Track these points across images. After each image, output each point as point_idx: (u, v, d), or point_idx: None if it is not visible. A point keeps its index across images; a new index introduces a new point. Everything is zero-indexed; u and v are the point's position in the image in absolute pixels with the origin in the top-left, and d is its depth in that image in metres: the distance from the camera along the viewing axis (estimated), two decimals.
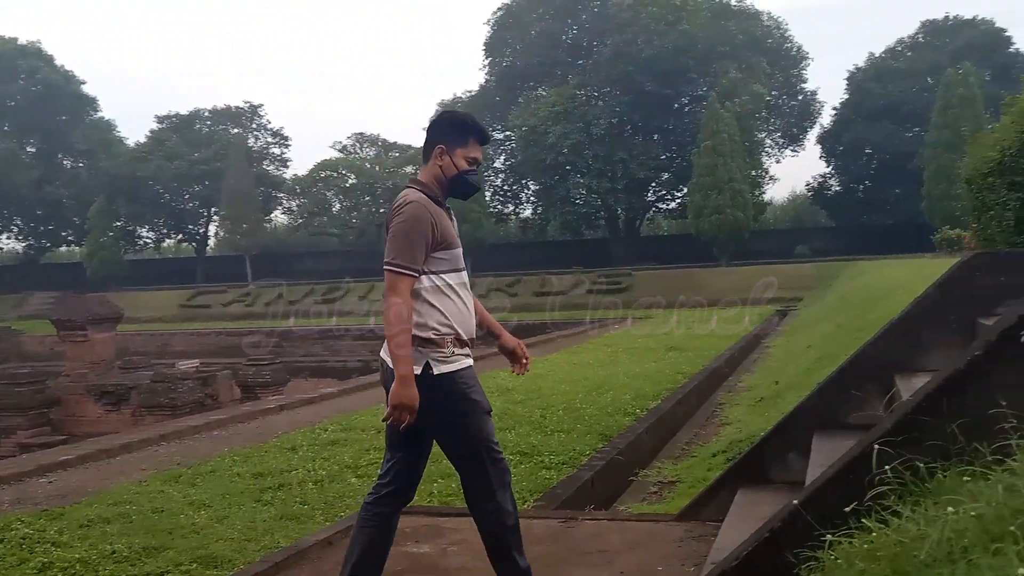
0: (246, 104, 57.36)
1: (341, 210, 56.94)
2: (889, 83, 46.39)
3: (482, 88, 53.09)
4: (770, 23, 49.50)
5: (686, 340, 17.10)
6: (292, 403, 11.09)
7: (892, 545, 2.18)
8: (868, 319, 10.94)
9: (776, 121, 51.13)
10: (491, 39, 51.36)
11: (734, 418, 9.30)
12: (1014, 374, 2.75)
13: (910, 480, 2.58)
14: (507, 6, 50.62)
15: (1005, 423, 2.51)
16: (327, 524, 5.31)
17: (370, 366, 25.81)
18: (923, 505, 2.35)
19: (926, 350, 4.87)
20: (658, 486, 7.03)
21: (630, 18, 43.06)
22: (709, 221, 37.79)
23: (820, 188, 52.23)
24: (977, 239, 7.54)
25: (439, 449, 3.55)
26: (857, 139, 46.57)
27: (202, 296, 44.01)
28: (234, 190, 49.09)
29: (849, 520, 2.55)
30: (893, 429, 2.78)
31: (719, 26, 44.60)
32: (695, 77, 44.88)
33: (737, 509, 4.60)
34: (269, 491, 6.23)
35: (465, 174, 3.49)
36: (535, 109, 44.71)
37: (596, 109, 45.02)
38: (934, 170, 35.29)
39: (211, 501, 5.98)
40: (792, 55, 50.14)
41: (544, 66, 49.19)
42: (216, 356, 29.17)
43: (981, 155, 6.83)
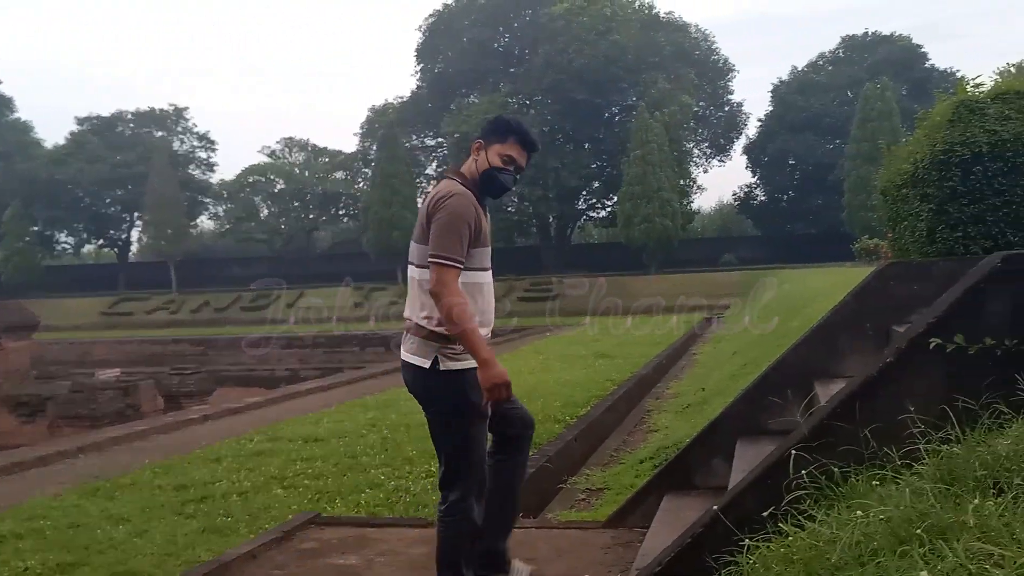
0: (171, 107, 56.26)
1: (269, 216, 56.12)
2: (811, 96, 47.79)
3: (414, 94, 52.94)
4: (698, 35, 50.62)
5: (615, 347, 17.27)
6: (217, 413, 10.84)
7: (807, 548, 2.24)
8: (790, 326, 11.22)
9: (704, 132, 52.26)
10: (423, 45, 51.27)
11: (661, 425, 9.42)
12: (922, 381, 2.86)
13: (825, 484, 2.65)
14: (439, 13, 50.61)
15: (913, 428, 2.60)
16: (251, 537, 5.20)
17: (298, 374, 25.50)
18: (836, 509, 2.42)
19: (844, 357, 5.01)
20: (586, 493, 7.07)
21: (562, 27, 43.47)
22: (639, 229, 38.35)
23: (746, 198, 53.47)
24: (892, 249, 7.79)
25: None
26: (781, 150, 47.83)
27: (124, 303, 42.87)
28: (158, 195, 47.93)
29: (767, 524, 2.61)
30: (810, 435, 2.86)
31: (648, 37, 45.37)
32: (625, 87, 45.56)
33: (663, 515, 4.66)
34: (191, 504, 6.08)
35: (497, 170, 3.44)
36: (467, 116, 44.77)
37: (528, 117, 45.23)
38: (854, 181, 36.44)
39: (130, 515, 5.81)
40: (719, 67, 51.31)
41: (476, 73, 49.30)
42: (139, 365, 28.42)
43: (895, 167, 7.07)
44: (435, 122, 49.28)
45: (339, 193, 55.54)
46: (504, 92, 46.40)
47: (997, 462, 2.23)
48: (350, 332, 30.54)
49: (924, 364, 2.88)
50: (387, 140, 43.66)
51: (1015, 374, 2.79)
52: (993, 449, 2.30)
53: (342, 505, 5.92)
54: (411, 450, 7.57)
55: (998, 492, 2.11)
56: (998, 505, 1.95)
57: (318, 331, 31.17)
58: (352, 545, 4.77)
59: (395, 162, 42.64)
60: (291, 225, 55.06)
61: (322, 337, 30.25)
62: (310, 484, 6.52)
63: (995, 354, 2.85)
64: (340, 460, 7.29)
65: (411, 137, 52.67)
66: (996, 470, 2.20)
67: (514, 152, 3.44)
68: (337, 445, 7.97)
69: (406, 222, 41.86)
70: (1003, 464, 2.22)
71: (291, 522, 5.16)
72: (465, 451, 3.38)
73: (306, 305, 38.14)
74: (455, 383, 3.32)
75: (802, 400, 4.69)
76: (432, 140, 53.26)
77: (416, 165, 50.52)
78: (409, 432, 8.44)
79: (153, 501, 6.18)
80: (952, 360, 2.84)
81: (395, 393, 11.55)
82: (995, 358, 2.85)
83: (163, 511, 5.91)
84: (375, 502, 5.98)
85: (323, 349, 29.90)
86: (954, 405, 2.72)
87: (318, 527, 5.11)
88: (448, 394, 3.33)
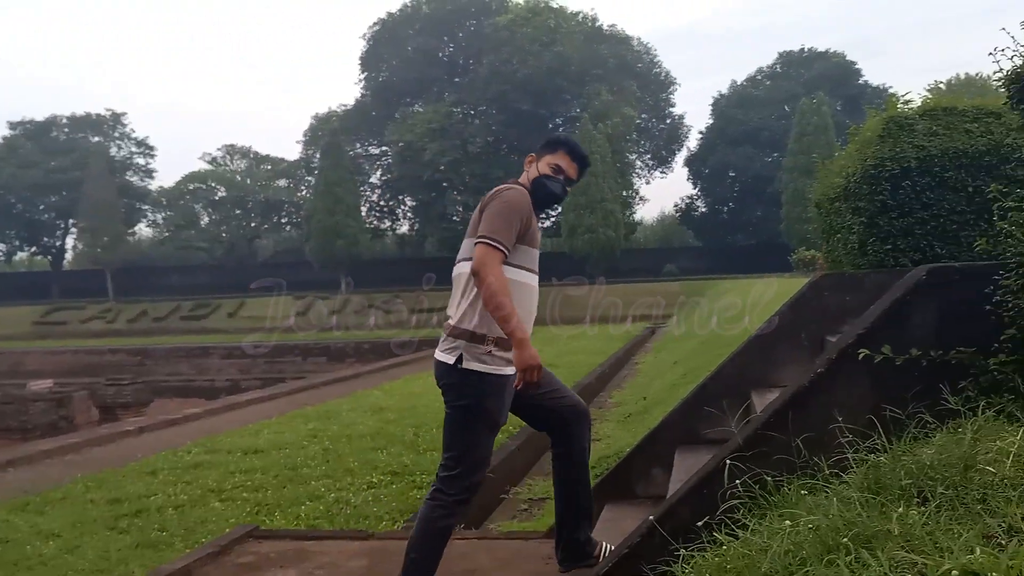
0: (108, 112, 55.00)
1: (210, 223, 55.14)
2: (750, 110, 48.76)
3: (358, 102, 52.62)
4: (640, 48, 51.27)
5: (559, 357, 17.34)
6: (154, 425, 10.61)
7: (739, 558, 2.27)
8: (730, 335, 11.42)
9: (646, 143, 52.92)
10: (367, 54, 51.02)
11: (604, 434, 9.48)
12: (851, 391, 2.93)
13: (759, 493, 2.69)
14: (383, 21, 50.43)
15: (842, 438, 2.67)
16: (187, 551, 5.10)
17: (239, 385, 25.10)
18: (769, 517, 2.46)
19: (780, 366, 5.11)
20: (529, 503, 7.08)
21: (506, 38, 43.67)
22: (582, 240, 38.69)
23: (687, 209, 54.26)
24: (826, 260, 7.99)
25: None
26: (721, 163, 48.68)
27: (58, 312, 41.70)
28: (94, 201, 46.78)
29: (702, 534, 2.65)
30: (744, 444, 2.91)
31: (592, 49, 45.82)
32: (569, 98, 45.93)
33: (603, 524, 4.69)
34: (125, 518, 5.94)
35: (546, 178, 3.54)
36: (412, 125, 44.69)
37: (473, 127, 45.36)
38: (791, 194, 37.23)
39: (61, 530, 5.65)
40: (661, 80, 52.04)
41: (421, 82, 49.22)
42: (73, 376, 27.68)
43: (829, 181, 7.26)
44: (379, 130, 49.06)
45: (282, 201, 54.87)
46: (449, 101, 46.40)
47: (922, 471, 2.30)
48: (290, 342, 30.16)
49: (853, 374, 2.96)
50: (331, 148, 43.27)
51: (939, 384, 2.88)
52: (918, 458, 2.37)
53: (281, 518, 5.84)
54: (352, 461, 7.50)
55: (922, 501, 2.17)
56: (922, 514, 2.00)
57: (316, 338, 30.69)
58: (291, 559, 4.70)
59: (339, 170, 42.28)
60: (232, 233, 54.18)
61: (263, 347, 29.83)
62: (249, 497, 6.42)
63: (921, 364, 2.94)
64: (280, 472, 7.19)
65: (355, 145, 52.33)
66: (920, 479, 2.27)
67: (563, 162, 3.57)
68: (277, 457, 7.87)
69: (349, 230, 41.53)
70: (927, 473, 2.28)
71: (228, 536, 5.06)
72: (468, 452, 3.38)
73: (247, 314, 37.59)
74: (474, 384, 3.33)
75: (739, 409, 4.77)
76: (376, 148, 52.95)
77: (360, 173, 50.19)
78: (351, 443, 8.37)
79: (85, 516, 6.02)
80: (880, 370, 2.92)
81: (337, 404, 11.45)
82: (921, 368, 2.93)
83: (95, 526, 5.76)
84: (315, 514, 5.91)
85: (264, 359, 29.49)
86: (881, 415, 2.80)
87: (256, 540, 5.02)
88: (465, 392, 3.34)
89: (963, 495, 2.12)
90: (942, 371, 2.93)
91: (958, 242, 5.77)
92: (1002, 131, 5.81)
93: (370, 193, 53.00)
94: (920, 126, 6.08)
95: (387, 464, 7.38)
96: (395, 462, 7.48)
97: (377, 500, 6.23)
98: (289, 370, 27.80)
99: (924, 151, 5.91)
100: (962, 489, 2.14)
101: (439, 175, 44.24)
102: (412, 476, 7.03)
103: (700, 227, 53.55)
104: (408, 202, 51.00)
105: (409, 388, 12.97)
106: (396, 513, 5.94)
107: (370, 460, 7.56)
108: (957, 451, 2.32)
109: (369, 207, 51.99)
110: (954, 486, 2.16)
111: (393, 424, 9.42)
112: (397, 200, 52.35)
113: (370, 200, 52.64)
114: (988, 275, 3.04)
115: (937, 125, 6.07)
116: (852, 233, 6.33)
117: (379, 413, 10.28)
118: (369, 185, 52.80)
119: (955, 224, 5.82)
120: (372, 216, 52.19)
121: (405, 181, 46.53)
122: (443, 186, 45.30)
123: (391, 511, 5.95)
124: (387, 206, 53.35)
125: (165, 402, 22.92)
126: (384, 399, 11.65)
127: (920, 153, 5.91)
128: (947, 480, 2.20)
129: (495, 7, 48.63)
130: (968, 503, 2.08)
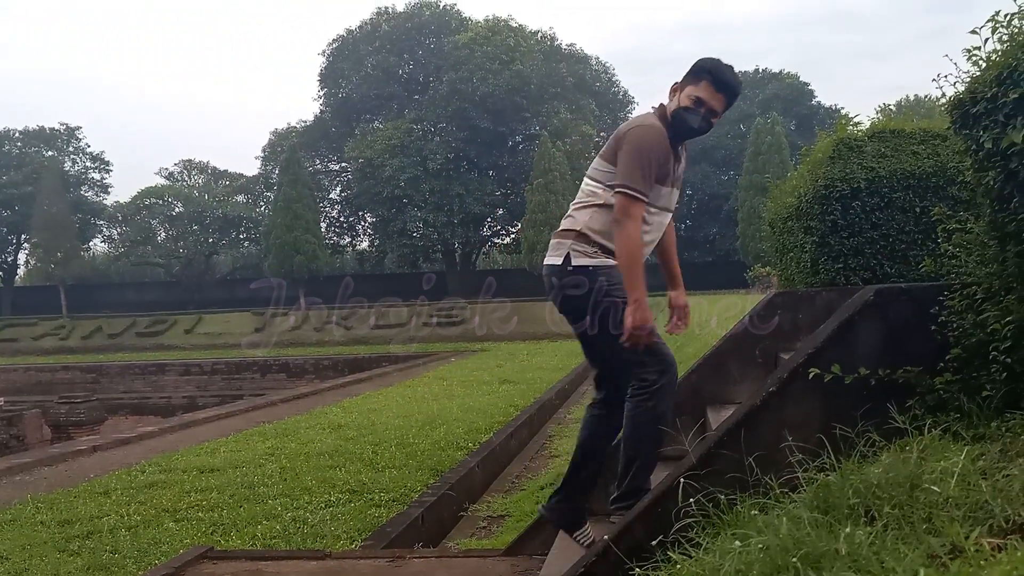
0: (62, 126, 54.02)
1: (167, 239, 54.43)
2: None
3: (318, 119, 52.44)
4: (598, 67, 51.79)
5: (519, 373, 17.38)
6: (107, 444, 10.40)
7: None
8: (686, 352, 11.52)
9: None
10: (326, 70, 50.87)
11: (563, 450, 9.50)
12: (802, 409, 2.99)
13: (713, 512, 2.73)
14: (342, 38, 50.36)
15: (792, 456, 2.71)
16: (139, 573, 5.02)
17: (196, 402, 24.74)
18: (721, 537, 2.49)
19: (735, 383, 5.17)
20: (487, 520, 7.08)
21: (465, 56, 43.85)
22: (542, 256, 38.75)
23: None
24: (780, 278, 8.13)
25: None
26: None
27: (10, 329, 40.73)
28: (47, 216, 45.93)
29: (656, 553, 2.67)
30: (698, 462, 2.94)
31: (551, 67, 46.19)
32: (528, 116, 46.20)
33: (561, 543, 4.68)
34: (76, 540, 5.82)
35: (684, 110, 3.37)
36: (372, 141, 44.60)
37: (432, 144, 45.40)
38: (746, 212, 37.79)
39: (9, 553, 5.53)
40: (619, 98, 52.62)
41: (380, 99, 49.18)
42: (25, 393, 27.06)
43: (781, 200, 7.41)
44: (339, 146, 48.91)
45: (240, 217, 54.33)
46: (409, 118, 46.41)
47: (869, 490, 2.34)
48: (249, 359, 29.80)
49: (804, 393, 3.01)
50: (289, 164, 42.99)
51: (887, 403, 2.94)
52: (866, 477, 2.41)
53: (237, 538, 5.77)
54: (310, 480, 7.44)
55: (870, 520, 2.21)
56: (868, 534, 2.04)
57: (275, 354, 30.28)
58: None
59: (298, 186, 42.00)
60: (190, 249, 53.50)
61: (221, 363, 29.44)
62: (204, 516, 6.34)
63: (869, 383, 3.00)
64: (236, 491, 7.10)
65: (315, 161, 52.12)
66: (868, 498, 2.31)
67: (705, 94, 3.35)
68: (234, 475, 7.77)
69: (309, 246, 41.26)
70: (875, 492, 2.32)
71: (182, 557, 4.99)
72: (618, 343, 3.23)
73: (205, 331, 37.10)
74: (587, 277, 3.32)
75: (694, 426, 4.82)
76: (336, 165, 52.77)
77: (319, 189, 49.95)
78: (309, 461, 8.30)
79: (35, 538, 5.90)
80: (829, 389, 2.98)
81: (295, 421, 11.34)
82: (869, 387, 3.00)
83: (45, 548, 5.65)
84: (272, 534, 5.84)
85: (221, 376, 29.09)
86: (831, 433, 2.85)
87: (211, 561, 4.95)
88: (582, 289, 3.32)
89: (909, 514, 2.16)
90: (890, 390, 2.99)
91: (906, 261, 5.92)
92: (948, 153, 5.97)
93: (330, 209, 52.76)
94: (869, 148, 6.23)
95: (345, 482, 7.33)
96: (353, 480, 7.43)
97: (335, 519, 6.18)
98: (247, 387, 27.44)
99: (873, 172, 6.06)
100: (908, 508, 2.19)
101: (399, 191, 44.19)
102: (371, 494, 6.99)
103: None
104: (368, 218, 50.86)
105: (368, 405, 12.89)
106: (354, 532, 5.89)
107: (328, 478, 7.51)
108: (904, 470, 2.37)
109: (329, 223, 51.77)
110: (900, 505, 2.21)
111: (352, 442, 9.36)
112: (357, 216, 52.21)
113: (330, 216, 52.42)
114: (934, 295, 3.12)
115: (885, 147, 6.22)
116: (804, 252, 6.45)
117: (338, 430, 10.21)
118: (329, 201, 52.58)
119: (903, 244, 5.97)
120: (332, 232, 51.97)
121: (365, 197, 46.39)
122: (403, 202, 45.24)
123: (349, 530, 5.90)
124: (347, 222, 53.16)
125: (120, 420, 22.50)
126: (343, 416, 11.57)
127: (869, 174, 6.05)
128: (894, 499, 2.24)
129: (455, 25, 48.83)
130: (914, 522, 2.12)
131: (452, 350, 26.82)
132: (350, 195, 50.26)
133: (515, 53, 44.32)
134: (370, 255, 52.48)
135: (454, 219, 44.98)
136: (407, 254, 47.62)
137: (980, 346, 2.88)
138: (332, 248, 50.44)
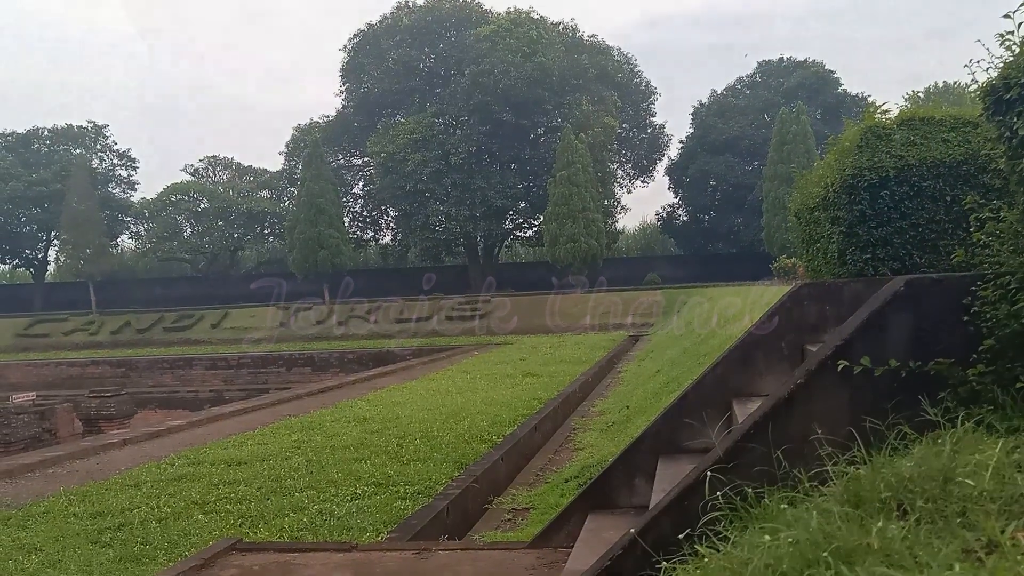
0: (90, 124, 54.54)
1: (193, 235, 54.81)
2: (730, 119, 49.03)
3: (339, 114, 52.54)
4: (620, 58, 51.42)
5: (542, 366, 17.36)
6: (137, 437, 10.54)
7: (720, 571, 2.27)
8: (711, 344, 11.45)
9: (627, 153, 53.13)
10: (348, 65, 50.93)
11: (587, 443, 9.49)
12: (831, 402, 2.94)
13: (740, 505, 2.69)
14: (363, 33, 50.38)
15: (821, 449, 2.67)
16: (170, 564, 5.06)
17: (223, 396, 24.95)
18: (750, 530, 2.46)
19: (761, 375, 5.13)
20: (512, 513, 7.08)
21: (487, 49, 43.72)
22: (564, 249, 38.73)
23: (669, 218, 54.48)
24: (806, 269, 8.04)
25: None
26: (702, 171, 48.89)
27: (41, 325, 41.27)
28: (76, 214, 46.45)
29: (683, 546, 2.64)
30: (724, 456, 2.91)
31: (573, 60, 45.93)
32: (550, 108, 45.99)
33: (586, 535, 4.68)
34: (108, 532, 5.90)
35: None
36: (394, 136, 44.63)
37: (454, 137, 45.35)
38: (771, 202, 37.42)
39: (43, 544, 5.62)
40: (641, 89, 52.23)
41: (402, 93, 49.18)
42: (56, 388, 27.48)
43: (807, 190, 7.32)
44: (361, 141, 49.01)
45: (264, 212, 54.61)
46: (430, 112, 46.37)
47: (901, 484, 2.30)
48: (275, 352, 30.02)
49: (832, 386, 2.97)
50: (312, 159, 43.16)
51: (918, 395, 2.89)
52: (897, 471, 2.37)
53: (265, 530, 5.81)
54: (336, 472, 7.48)
55: (902, 514, 2.17)
56: (901, 528, 2.01)
57: (300, 348, 30.51)
58: (274, 571, 4.67)
59: (321, 181, 42.16)
60: (215, 244, 53.86)
61: (247, 357, 29.69)
62: (232, 509, 6.39)
63: (899, 375, 2.95)
64: (263, 484, 7.16)
65: (337, 156, 52.26)
66: (900, 492, 2.27)
67: None
68: (260, 468, 7.83)
69: (332, 241, 41.43)
70: (907, 486, 2.28)
71: (211, 548, 5.03)
72: None
73: (229, 325, 37.37)
74: None
75: (720, 419, 4.78)
76: (359, 159, 52.92)
77: (342, 184, 50.09)
78: (334, 454, 8.35)
79: (67, 530, 5.99)
80: (858, 382, 2.93)
81: (320, 415, 11.40)
82: (899, 379, 2.95)
83: (78, 540, 5.73)
84: (299, 526, 5.88)
85: (248, 369, 29.34)
86: (861, 426, 2.81)
87: (240, 553, 4.99)
88: None
89: (943, 508, 2.12)
90: (921, 382, 2.94)
91: (937, 251, 5.82)
92: (979, 141, 5.86)
93: (352, 204, 52.93)
94: (898, 136, 6.13)
95: (371, 475, 7.36)
96: (379, 472, 7.46)
97: (361, 511, 6.21)
98: (273, 380, 27.69)
99: (902, 161, 5.96)
100: (941, 502, 2.15)
101: (421, 185, 44.21)
102: (396, 487, 7.01)
103: (681, 235, 53.80)
104: (391, 212, 50.93)
105: (393, 398, 12.94)
106: (380, 524, 5.92)
107: (354, 471, 7.54)
108: (936, 463, 2.33)
109: (352, 218, 51.93)
110: (933, 499, 2.17)
111: (377, 435, 9.40)
112: (380, 211, 52.32)
113: (353, 211, 52.59)
114: (966, 286, 3.06)
115: (915, 135, 6.12)
116: (831, 242, 6.37)
117: (363, 423, 10.26)
118: (351, 196, 52.73)
119: (934, 233, 5.87)
120: (355, 227, 52.13)
121: (387, 192, 46.45)
122: (425, 196, 45.25)
123: (375, 522, 5.93)
124: (370, 216, 53.31)
125: (148, 414, 22.78)
126: (368, 409, 11.62)
127: (898, 163, 5.96)
128: (926, 493, 2.20)
129: (475, 18, 48.69)
130: (948, 516, 2.08)
131: (475, 343, 26.85)
132: (373, 189, 50.37)
133: (537, 45, 44.13)
134: (393, 249, 52.57)
135: (476, 212, 44.97)
136: (430, 248, 47.63)
137: (1014, 336, 2.82)
138: (355, 243, 50.58)
